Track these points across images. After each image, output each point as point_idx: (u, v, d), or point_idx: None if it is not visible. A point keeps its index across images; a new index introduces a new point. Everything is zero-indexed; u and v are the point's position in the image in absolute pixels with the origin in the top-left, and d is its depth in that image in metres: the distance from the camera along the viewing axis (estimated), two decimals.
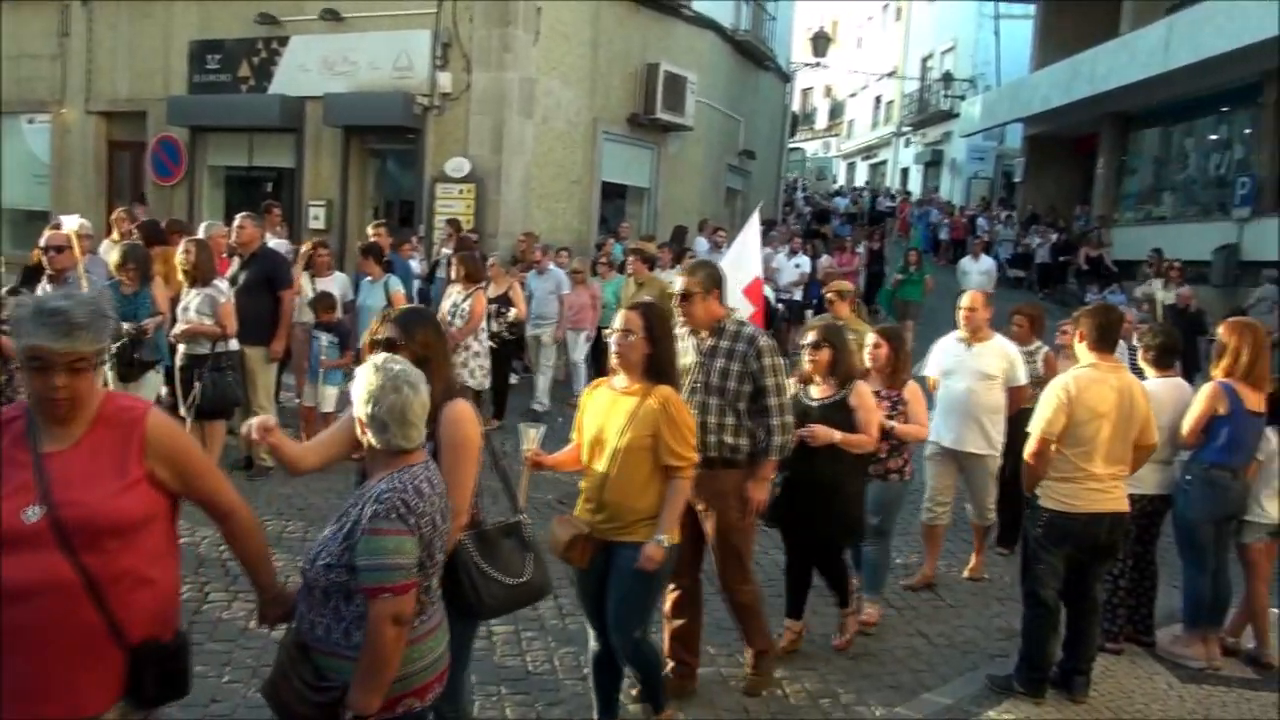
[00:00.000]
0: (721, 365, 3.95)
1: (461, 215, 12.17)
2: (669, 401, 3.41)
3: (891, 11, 38.43)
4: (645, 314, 3.49)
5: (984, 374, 5.56)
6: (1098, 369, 4.16)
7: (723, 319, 4.02)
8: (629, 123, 14.25)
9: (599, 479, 3.47)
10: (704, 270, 4.10)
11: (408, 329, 2.93)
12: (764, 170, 20.26)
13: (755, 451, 4.00)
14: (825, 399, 4.50)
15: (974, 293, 5.82)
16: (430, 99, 12.47)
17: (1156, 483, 4.72)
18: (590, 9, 13.29)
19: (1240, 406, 4.54)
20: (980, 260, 15.70)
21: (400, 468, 2.40)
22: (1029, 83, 23.83)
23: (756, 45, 17.77)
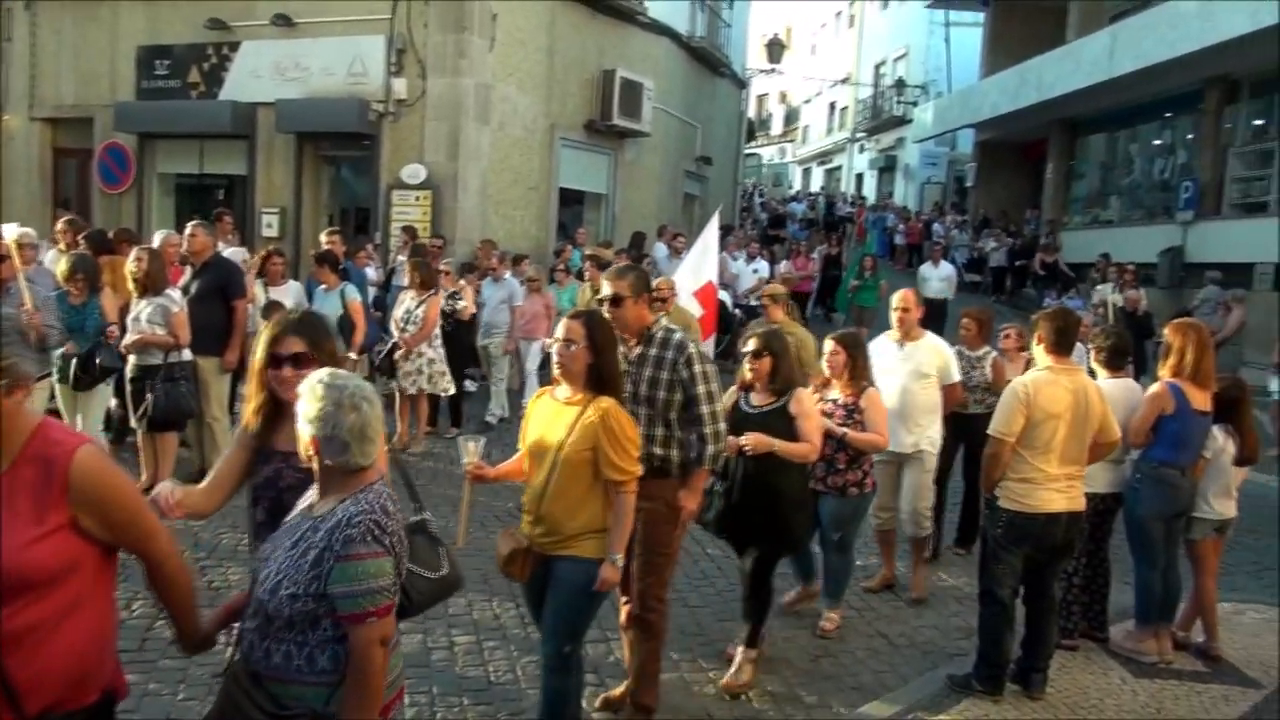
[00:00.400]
0: (650, 374, 3.80)
1: (418, 222, 12.07)
2: (609, 414, 3.30)
3: (844, 19, 38.88)
4: (588, 323, 3.39)
5: (919, 373, 5.51)
6: (1054, 371, 4.25)
7: (651, 326, 3.87)
8: (586, 129, 14.25)
9: (538, 491, 3.38)
10: (633, 274, 3.94)
11: (316, 340, 2.79)
12: (721, 176, 20.38)
13: (687, 462, 3.89)
14: (764, 406, 4.41)
15: (906, 292, 5.74)
16: (385, 105, 12.37)
17: (1108, 481, 4.81)
18: (546, 15, 13.28)
19: (1187, 406, 4.64)
20: (940, 266, 15.58)
21: (361, 487, 2.30)
22: (979, 89, 24.25)
23: (712, 52, 17.88)
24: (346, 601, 2.17)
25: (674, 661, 4.52)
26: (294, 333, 2.76)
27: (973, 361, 6.20)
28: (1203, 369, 4.70)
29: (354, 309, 7.64)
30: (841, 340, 4.97)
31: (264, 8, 12.76)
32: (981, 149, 26.01)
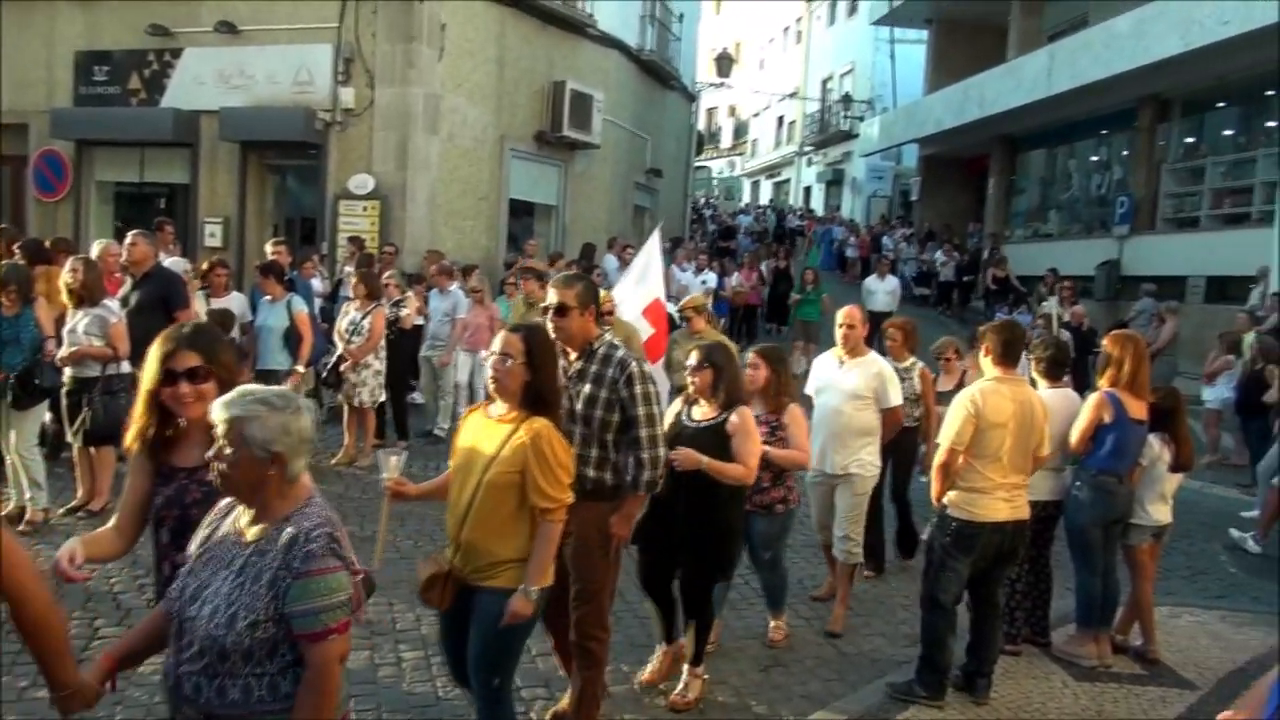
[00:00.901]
0: (588, 391, 3.62)
1: (366, 233, 11.94)
2: (541, 435, 3.09)
3: (792, 35, 39.40)
4: (526, 337, 3.21)
5: (854, 393, 5.26)
6: (1001, 382, 4.33)
7: (594, 340, 3.69)
8: (536, 140, 14.23)
9: (460, 515, 3.16)
10: (582, 284, 3.75)
11: (211, 353, 2.62)
12: (671, 188, 20.48)
13: (621, 486, 3.70)
14: (703, 422, 4.23)
15: (851, 309, 5.53)
16: (332, 114, 12.23)
17: (1049, 489, 4.91)
18: (496, 26, 13.25)
19: (1124, 415, 4.76)
20: (886, 280, 15.67)
21: (304, 500, 2.22)
22: (923, 105, 24.72)
23: (662, 65, 17.99)
24: (308, 619, 2.10)
25: (624, 674, 4.51)
26: (188, 346, 2.61)
27: (900, 373, 5.98)
28: (1139, 379, 4.82)
29: (300, 320, 7.52)
30: (763, 354, 4.76)
31: (207, 14, 12.56)
32: (926, 163, 26.50)
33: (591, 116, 14.47)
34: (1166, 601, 5.75)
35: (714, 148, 45.57)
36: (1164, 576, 5.95)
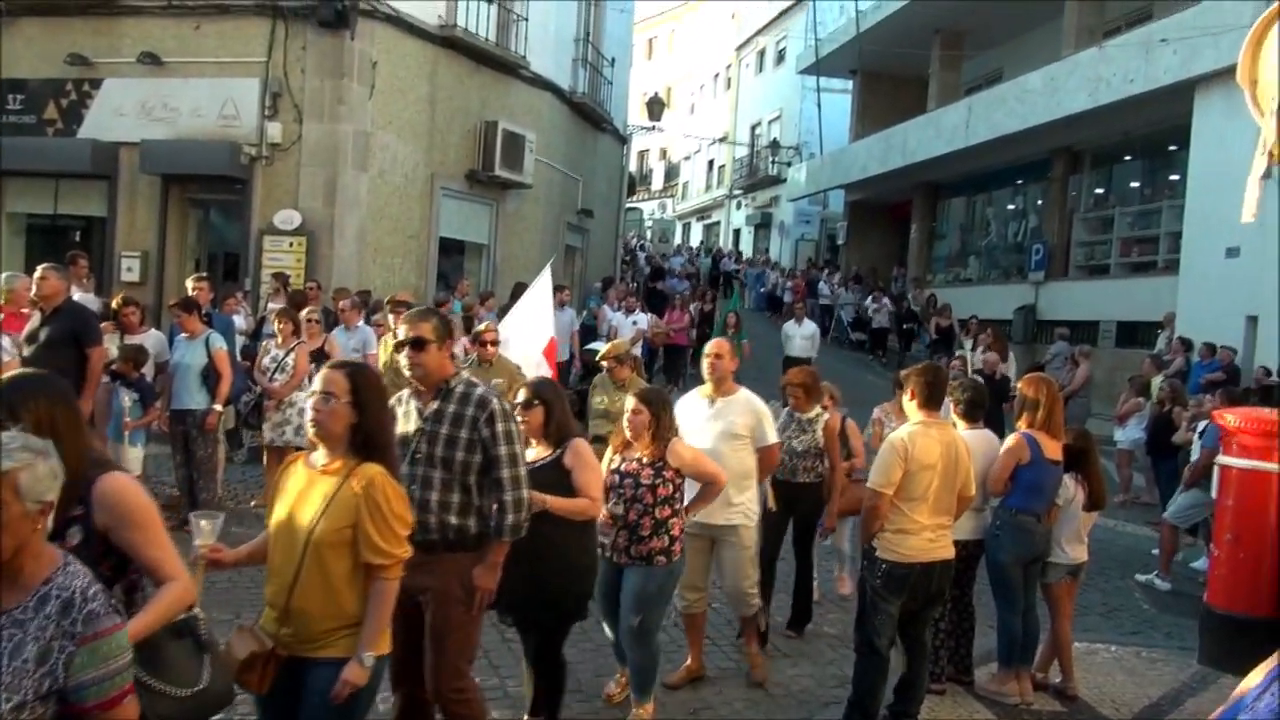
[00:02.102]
0: (447, 432, 3.40)
1: (291, 269, 11.73)
2: (373, 484, 2.77)
3: (722, 81, 40.23)
4: (351, 374, 2.89)
5: (729, 433, 4.87)
6: (926, 425, 4.42)
7: (450, 378, 3.49)
8: (467, 179, 14.21)
9: (285, 582, 2.79)
10: (436, 317, 3.55)
11: (16, 405, 2.30)
12: (602, 229, 20.61)
13: (484, 533, 3.46)
14: (539, 461, 3.97)
15: (719, 340, 5.27)
16: (259, 149, 12.05)
17: (971, 529, 5.01)
18: (428, 65, 13.25)
19: (1041, 456, 4.90)
20: (804, 324, 15.13)
21: (58, 551, 1.99)
22: (849, 152, 25.43)
23: (594, 108, 18.18)
24: (99, 688, 1.88)
25: None
26: None
27: (803, 425, 5.71)
28: (1054, 421, 4.98)
29: (219, 358, 7.30)
30: (643, 398, 4.43)
31: (130, 45, 12.31)
32: (852, 209, 27.20)
33: (523, 156, 14.52)
34: (1084, 638, 5.88)
35: (645, 189, 46.05)
36: (1081, 614, 6.09)
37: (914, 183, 22.86)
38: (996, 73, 21.71)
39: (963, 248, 22.96)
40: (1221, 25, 12.21)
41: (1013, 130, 17.39)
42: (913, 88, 24.14)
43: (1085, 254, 18.04)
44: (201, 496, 7.12)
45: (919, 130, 21.16)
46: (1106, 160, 17.91)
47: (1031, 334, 17.94)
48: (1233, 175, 7.88)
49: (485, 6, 14.04)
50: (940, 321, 18.34)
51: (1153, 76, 14.02)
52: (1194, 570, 7.74)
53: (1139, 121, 15.47)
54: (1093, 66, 15.48)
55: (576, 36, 17.27)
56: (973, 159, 19.57)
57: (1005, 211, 21.46)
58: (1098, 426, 11.56)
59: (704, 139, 39.62)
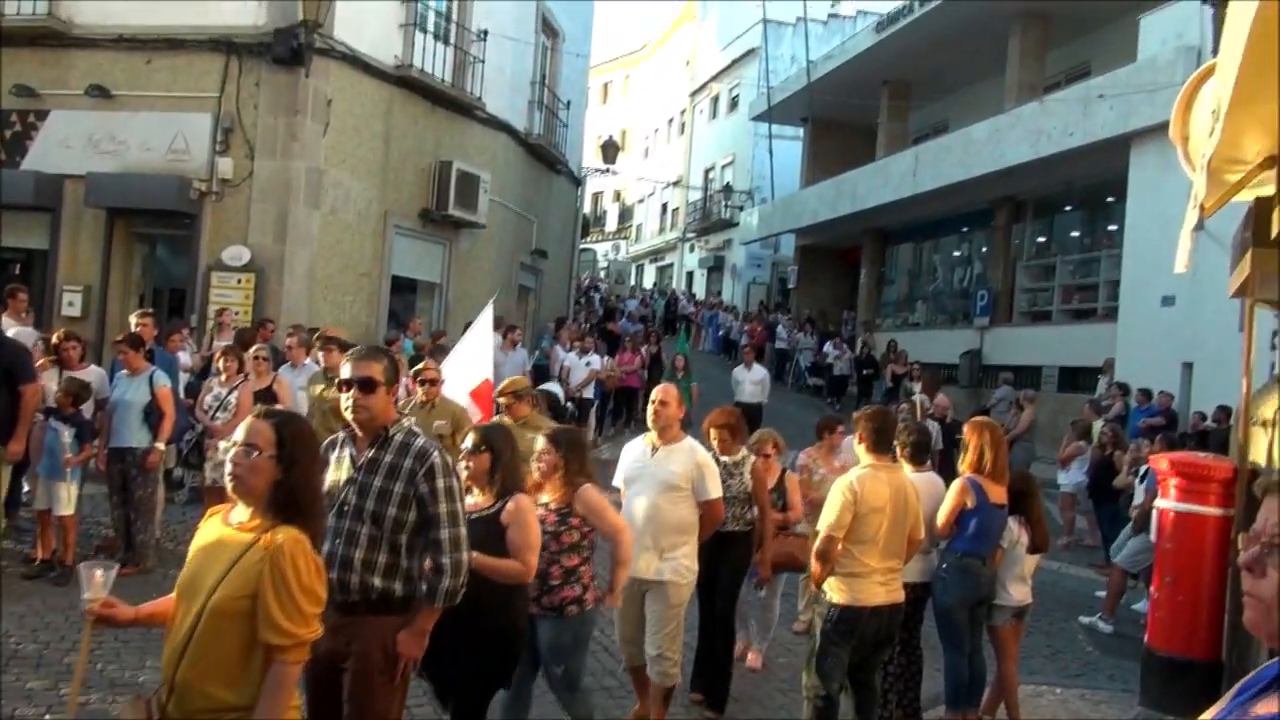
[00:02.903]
0: (380, 485, 3.13)
1: (240, 305, 11.56)
2: (283, 552, 2.43)
3: (676, 126, 40.80)
4: (279, 425, 2.58)
5: (668, 484, 4.64)
6: (875, 468, 4.46)
7: (390, 425, 3.22)
8: (421, 218, 14.17)
9: (178, 647, 2.45)
10: (387, 357, 3.31)
11: None
12: (556, 269, 20.64)
13: (412, 596, 3.17)
14: (475, 511, 3.72)
15: (666, 386, 4.99)
16: (209, 184, 11.90)
17: (918, 571, 5.04)
18: (383, 104, 13.25)
19: (985, 499, 4.96)
20: (753, 369, 14.83)
21: None
22: (800, 198, 25.87)
23: (549, 150, 18.29)
24: None
25: None
26: None
27: (729, 469, 5.32)
28: (997, 465, 5.04)
29: (162, 396, 7.12)
30: (554, 439, 4.24)
31: (78, 77, 12.13)
32: (802, 253, 27.61)
33: (478, 196, 14.53)
34: (1030, 680, 5.93)
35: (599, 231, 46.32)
36: (1026, 656, 6.15)
37: (863, 228, 23.30)
38: (942, 123, 22.33)
39: (911, 293, 23.38)
40: (1155, 83, 12.70)
41: (958, 179, 17.84)
42: (862, 136, 24.72)
43: (1029, 300, 18.47)
44: (138, 538, 6.92)
45: (868, 177, 21.62)
46: (1048, 210, 18.42)
47: (977, 378, 18.26)
48: (1167, 227, 8.16)
49: (441, 48, 14.12)
50: (895, 369, 18.20)
51: (1091, 130, 14.50)
52: (1135, 612, 7.86)
53: (1078, 173, 15.96)
54: (1034, 119, 15.98)
55: (532, 79, 17.41)
56: (920, 206, 20.02)
57: (951, 258, 21.93)
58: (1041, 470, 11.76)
59: (658, 182, 40.06)
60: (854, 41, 23.72)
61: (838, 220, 23.06)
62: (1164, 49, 13.30)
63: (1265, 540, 1.32)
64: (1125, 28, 14.92)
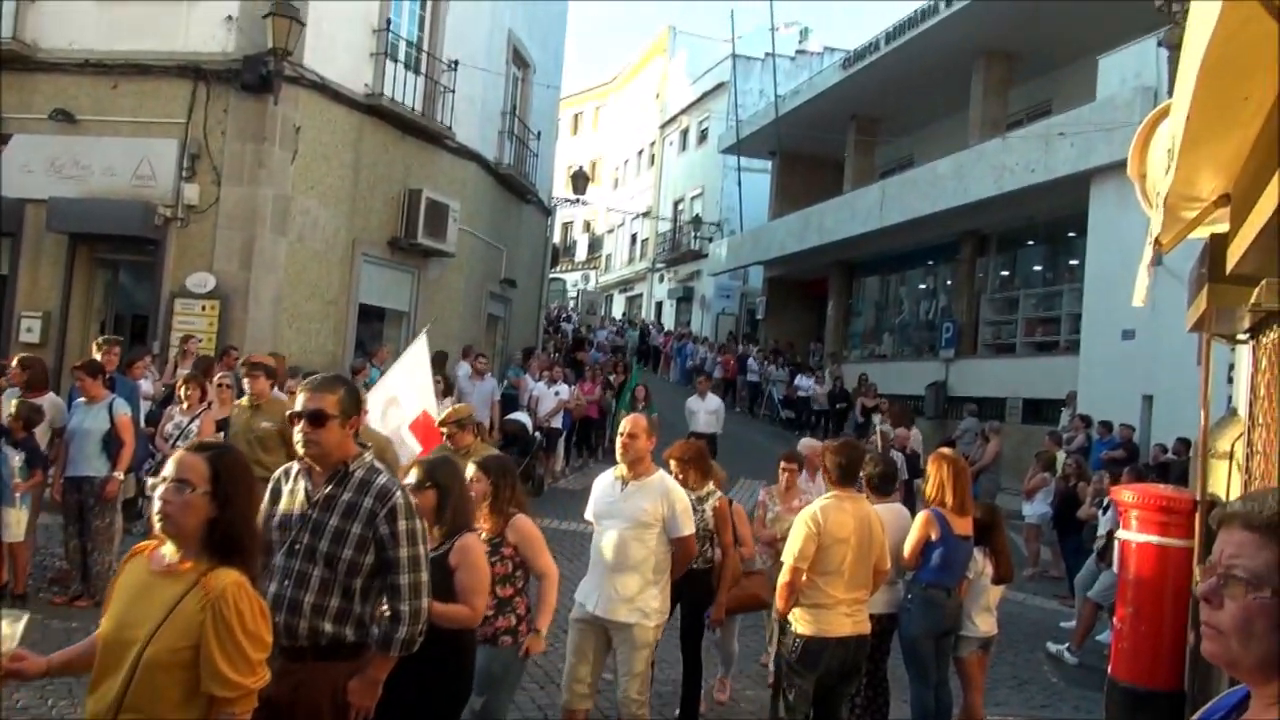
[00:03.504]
0: (336, 525, 2.95)
1: (204, 333, 11.41)
2: (226, 597, 2.26)
3: (646, 157, 41.12)
4: (214, 459, 2.41)
5: (638, 520, 4.45)
6: (840, 499, 4.48)
7: (350, 461, 3.04)
8: (389, 246, 14.11)
9: (109, 702, 2.26)
10: (344, 388, 3.11)
11: None
12: (525, 298, 20.61)
13: (365, 643, 3.00)
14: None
15: (635, 417, 4.77)
16: (174, 210, 11.79)
17: (884, 602, 5.06)
18: (353, 132, 13.23)
19: (950, 531, 5.00)
20: (707, 399, 14.39)
21: None
22: (768, 230, 26.12)
23: (519, 179, 18.33)
24: None
25: None
26: None
27: (691, 504, 5.06)
28: (959, 497, 5.07)
29: (122, 424, 7.00)
30: (483, 466, 4.09)
31: (42, 101, 12.01)
32: (770, 284, 27.82)
33: (447, 225, 14.51)
34: (995, 711, 5.94)
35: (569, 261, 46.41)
36: (992, 687, 6.16)
37: (830, 261, 23.54)
38: (908, 158, 22.71)
39: (877, 324, 23.62)
40: (1114, 122, 13.01)
41: (924, 213, 18.12)
42: (829, 170, 25.09)
43: (993, 333, 18.72)
44: (95, 569, 6.77)
45: (835, 211, 21.89)
46: (1011, 244, 18.74)
47: (943, 409, 18.43)
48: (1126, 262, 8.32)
49: (412, 77, 14.15)
50: (865, 402, 17.98)
51: (1052, 167, 14.80)
52: (1099, 643, 7.92)
53: (1041, 208, 16.27)
54: (997, 156, 16.30)
55: (503, 109, 17.48)
56: (886, 239, 20.27)
57: (917, 290, 22.20)
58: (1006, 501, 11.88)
59: (628, 213, 40.28)
60: (821, 77, 24.13)
61: (805, 252, 23.31)
62: (1122, 88, 13.64)
63: (1221, 571, 1.34)
64: (1085, 67, 15.29)
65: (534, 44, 18.97)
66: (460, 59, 14.94)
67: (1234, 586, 1.33)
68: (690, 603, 5.25)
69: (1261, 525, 1.33)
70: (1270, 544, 1.31)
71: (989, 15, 16.95)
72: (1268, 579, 1.30)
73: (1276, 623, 1.30)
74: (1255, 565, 1.31)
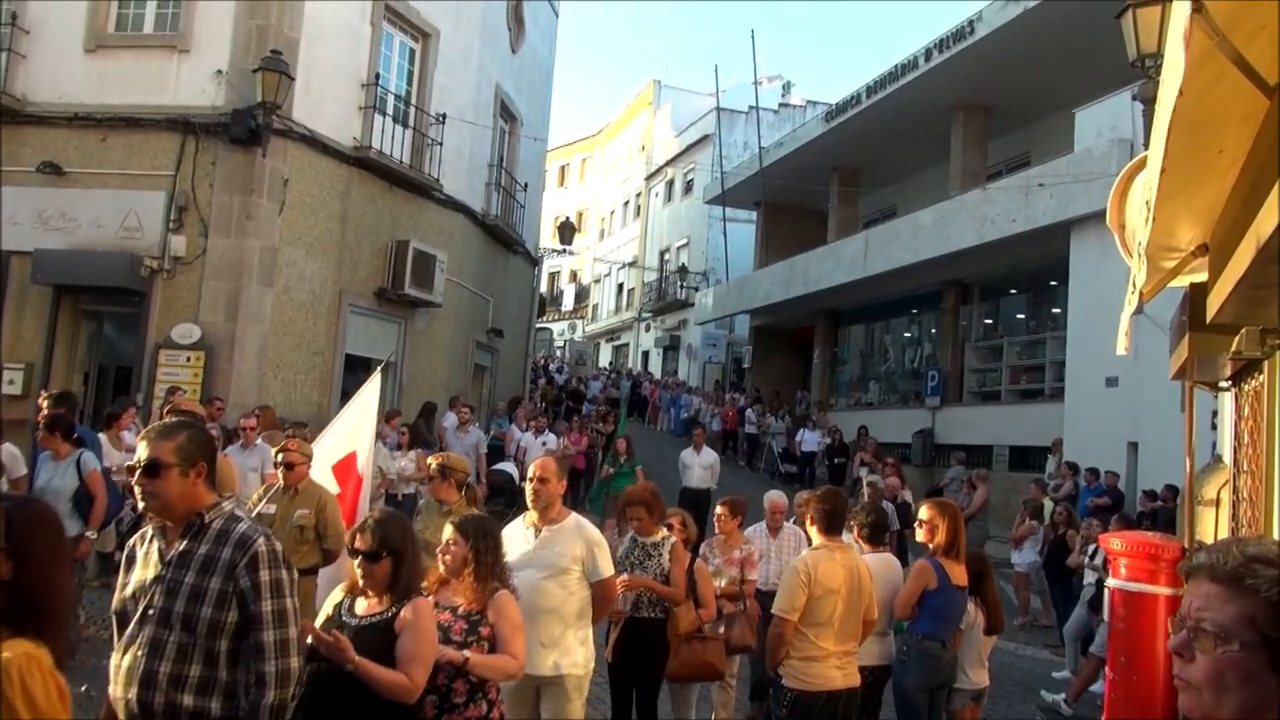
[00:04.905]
0: (193, 582, 2.65)
1: (188, 384, 11.35)
2: (10, 677, 1.93)
3: (632, 208, 41.52)
4: (10, 513, 2.12)
5: (556, 566, 4.24)
6: (828, 549, 4.45)
7: (205, 511, 2.75)
8: (376, 296, 14.14)
9: None
10: (185, 433, 2.78)
11: None
12: (512, 348, 20.63)
13: (235, 716, 2.68)
14: (368, 615, 3.26)
15: (544, 461, 4.53)
16: (160, 261, 11.80)
17: (876, 654, 5.00)
18: (340, 184, 13.32)
19: (947, 581, 4.96)
20: (702, 453, 13.49)
21: None
22: (753, 279, 26.30)
23: (506, 230, 18.45)
24: None
25: None
26: None
27: (648, 550, 5.06)
28: (958, 545, 5.05)
29: (92, 479, 6.72)
30: (462, 528, 3.68)
31: (30, 154, 12.06)
32: (757, 333, 27.94)
33: (434, 276, 14.56)
34: None
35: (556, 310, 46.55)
36: None
37: (816, 310, 23.70)
38: (891, 208, 23.01)
39: (863, 373, 23.70)
40: (1092, 173, 13.24)
41: (907, 262, 18.30)
42: (813, 220, 25.37)
43: (978, 380, 18.81)
44: None
45: (819, 260, 22.10)
46: (994, 293, 18.92)
47: (930, 457, 18.44)
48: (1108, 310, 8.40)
49: (400, 130, 14.30)
50: (864, 456, 17.20)
51: (1032, 217, 15.01)
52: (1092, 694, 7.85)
53: (1022, 258, 16.46)
54: (978, 206, 16.53)
55: (490, 162, 17.65)
56: (871, 288, 20.45)
57: (903, 339, 22.34)
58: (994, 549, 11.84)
59: (614, 263, 40.54)
60: (804, 129, 24.53)
61: (791, 301, 23.46)
62: (1099, 140, 13.90)
63: (1190, 625, 1.32)
64: (1061, 120, 15.59)
65: (521, 98, 19.23)
66: (448, 112, 15.13)
67: (1204, 640, 1.31)
68: (648, 657, 4.98)
69: (1227, 577, 1.32)
70: (1236, 596, 1.30)
71: (967, 70, 17.33)
72: (1236, 632, 1.28)
73: (1247, 675, 1.28)
74: (1222, 618, 1.30)
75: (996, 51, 16.50)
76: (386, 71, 14.25)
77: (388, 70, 14.33)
